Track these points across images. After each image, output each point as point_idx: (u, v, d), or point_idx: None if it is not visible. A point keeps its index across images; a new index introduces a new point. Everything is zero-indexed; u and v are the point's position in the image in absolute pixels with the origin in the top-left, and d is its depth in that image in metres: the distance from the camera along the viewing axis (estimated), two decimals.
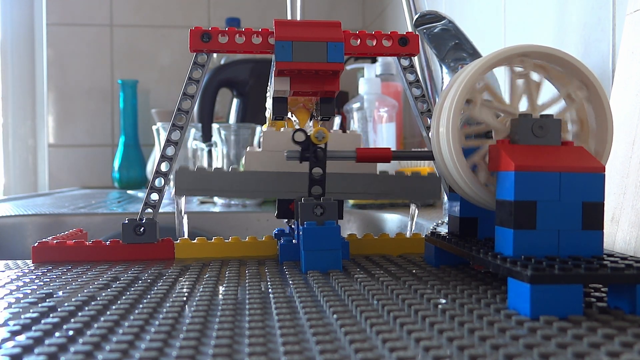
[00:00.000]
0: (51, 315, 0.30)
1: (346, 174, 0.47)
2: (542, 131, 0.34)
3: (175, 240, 0.48)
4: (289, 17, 1.01)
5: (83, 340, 0.26)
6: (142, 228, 0.46)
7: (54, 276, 0.41)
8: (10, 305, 0.32)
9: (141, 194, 1.32)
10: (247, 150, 0.48)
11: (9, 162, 1.78)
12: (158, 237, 0.47)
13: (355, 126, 1.11)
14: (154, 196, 0.46)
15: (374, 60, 1.31)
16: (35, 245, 0.46)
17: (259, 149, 0.48)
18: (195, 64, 0.46)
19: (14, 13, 1.77)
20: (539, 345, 0.24)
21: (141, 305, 0.32)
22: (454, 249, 0.39)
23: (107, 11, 1.73)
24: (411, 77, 0.49)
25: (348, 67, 1.26)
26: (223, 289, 0.36)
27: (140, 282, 0.38)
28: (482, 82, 0.36)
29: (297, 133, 0.43)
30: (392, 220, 0.85)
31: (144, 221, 0.46)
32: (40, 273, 0.42)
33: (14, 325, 0.28)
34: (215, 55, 1.13)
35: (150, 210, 0.47)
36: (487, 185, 0.36)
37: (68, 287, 0.37)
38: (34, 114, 1.80)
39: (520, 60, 0.36)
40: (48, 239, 0.48)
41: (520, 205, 0.32)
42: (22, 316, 0.30)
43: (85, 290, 0.36)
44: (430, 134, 0.40)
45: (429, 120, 0.49)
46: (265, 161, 0.48)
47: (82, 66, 1.72)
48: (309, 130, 0.46)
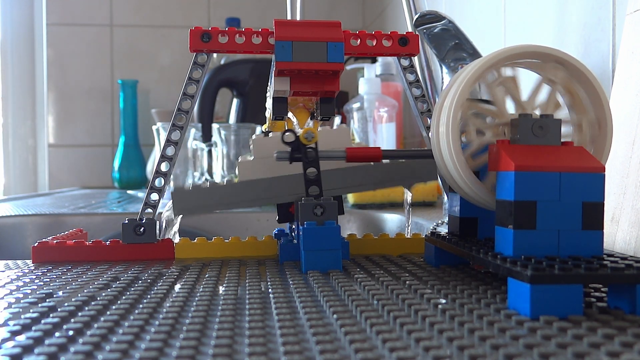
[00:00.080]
0: (51, 315, 0.30)
1: (341, 169, 0.47)
2: (542, 131, 0.34)
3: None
4: (289, 17, 1.01)
5: (83, 340, 0.26)
6: (142, 228, 0.46)
7: (54, 276, 0.41)
8: (10, 305, 0.32)
9: (141, 194, 1.32)
10: (239, 160, 0.48)
11: (9, 162, 1.78)
12: (158, 237, 0.47)
13: (355, 126, 1.11)
14: (154, 196, 0.46)
15: (374, 60, 1.31)
16: (35, 245, 0.46)
17: (251, 157, 0.48)
18: (195, 64, 0.46)
19: (14, 13, 1.77)
20: (539, 345, 0.24)
21: (141, 305, 0.32)
22: (454, 249, 0.39)
23: (107, 11, 1.73)
24: (411, 77, 0.49)
25: (348, 67, 1.26)
26: (223, 289, 0.36)
27: (140, 282, 0.38)
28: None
29: (287, 134, 0.43)
30: (392, 220, 0.85)
31: (144, 221, 0.46)
32: (40, 273, 0.42)
33: (14, 325, 0.28)
34: (215, 55, 1.13)
35: (150, 210, 0.47)
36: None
37: (68, 287, 0.37)
38: (34, 114, 1.80)
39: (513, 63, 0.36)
40: (48, 239, 0.48)
41: (520, 205, 0.32)
42: (22, 316, 0.30)
43: (85, 290, 0.36)
44: (430, 134, 0.40)
45: (429, 120, 0.49)
46: (258, 169, 0.48)
47: (82, 66, 1.72)
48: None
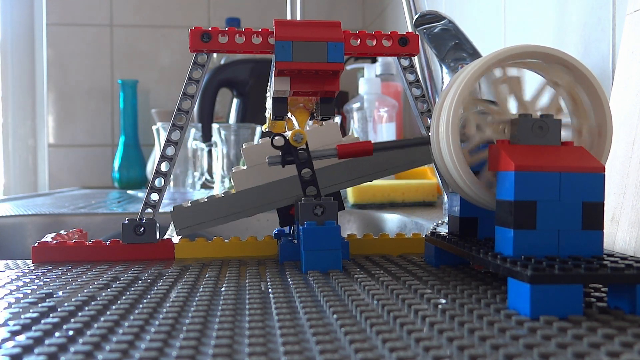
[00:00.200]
0: (51, 315, 0.30)
1: (335, 165, 0.47)
2: (542, 131, 0.34)
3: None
4: (289, 17, 1.01)
5: (83, 340, 0.26)
6: (142, 228, 0.46)
7: (54, 276, 0.41)
8: (10, 305, 0.32)
9: (141, 194, 1.32)
10: (233, 171, 0.48)
11: (9, 162, 1.78)
12: (158, 237, 0.47)
13: (355, 126, 1.11)
14: (154, 196, 0.46)
15: (374, 60, 1.31)
16: (35, 245, 0.46)
17: (244, 167, 0.48)
18: (195, 64, 0.46)
19: (14, 13, 1.77)
20: (539, 345, 0.24)
21: (141, 305, 0.32)
22: (454, 249, 0.39)
23: (107, 11, 1.73)
24: (411, 77, 0.49)
25: (348, 67, 1.26)
26: (223, 289, 0.36)
27: (140, 282, 0.38)
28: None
29: (276, 138, 0.43)
30: (392, 220, 0.85)
31: (144, 221, 0.46)
32: (40, 273, 0.42)
33: (14, 325, 0.28)
34: (215, 55, 1.13)
35: (150, 210, 0.47)
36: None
37: (68, 287, 0.37)
38: (34, 114, 1.80)
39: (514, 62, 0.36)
40: (48, 238, 0.48)
41: (520, 205, 0.32)
42: (22, 316, 0.30)
43: (85, 290, 0.36)
44: (430, 134, 0.40)
45: (429, 120, 0.49)
46: (253, 176, 0.48)
47: (82, 66, 1.72)
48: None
